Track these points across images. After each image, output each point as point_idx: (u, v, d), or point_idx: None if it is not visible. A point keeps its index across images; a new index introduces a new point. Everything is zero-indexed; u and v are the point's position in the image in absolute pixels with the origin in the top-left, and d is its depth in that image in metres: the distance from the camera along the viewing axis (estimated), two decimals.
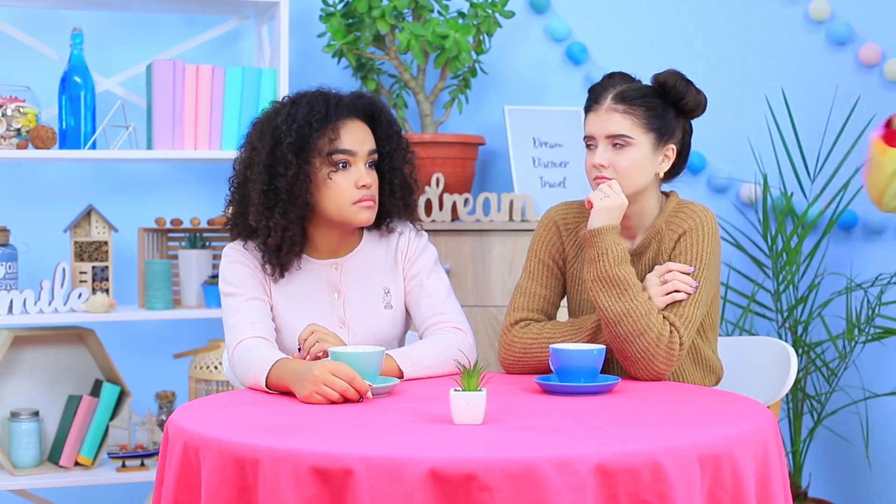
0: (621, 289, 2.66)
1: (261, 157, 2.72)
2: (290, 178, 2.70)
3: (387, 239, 2.91)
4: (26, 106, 3.70)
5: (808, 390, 4.32)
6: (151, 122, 3.80)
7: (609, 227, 2.70)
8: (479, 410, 2.19)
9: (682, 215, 2.79)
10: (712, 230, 2.77)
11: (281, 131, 2.72)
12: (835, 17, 4.49)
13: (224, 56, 4.19)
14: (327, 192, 2.75)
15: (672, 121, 2.80)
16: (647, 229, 2.82)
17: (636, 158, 2.76)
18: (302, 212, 2.74)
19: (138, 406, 4.05)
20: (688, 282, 2.69)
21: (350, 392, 2.40)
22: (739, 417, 2.30)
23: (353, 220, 2.78)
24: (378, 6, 3.94)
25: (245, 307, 2.75)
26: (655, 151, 2.78)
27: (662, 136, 2.78)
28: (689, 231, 2.75)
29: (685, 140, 2.86)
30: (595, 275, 2.68)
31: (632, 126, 2.75)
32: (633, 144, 2.76)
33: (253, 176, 2.73)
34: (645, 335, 2.63)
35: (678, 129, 2.83)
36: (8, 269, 3.74)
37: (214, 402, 2.49)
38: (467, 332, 2.84)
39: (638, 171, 2.76)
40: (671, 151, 2.81)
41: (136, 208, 4.12)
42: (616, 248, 2.68)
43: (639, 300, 2.65)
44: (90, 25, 4.03)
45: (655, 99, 2.79)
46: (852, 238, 4.50)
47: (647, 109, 2.77)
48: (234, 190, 2.82)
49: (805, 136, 4.36)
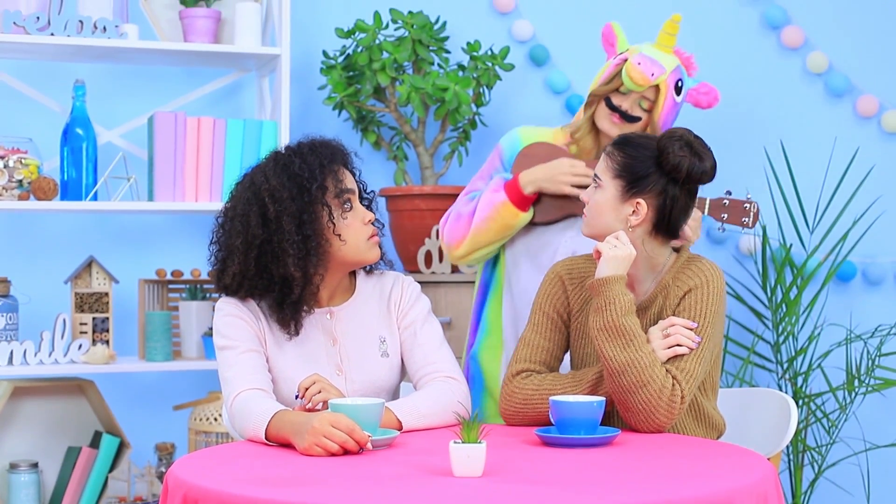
0: (627, 339, 2.66)
1: (287, 207, 2.72)
2: (322, 224, 2.74)
3: (380, 287, 2.92)
4: (28, 157, 3.72)
5: (809, 442, 4.31)
6: (153, 173, 3.82)
7: (616, 277, 2.70)
8: (480, 463, 2.19)
9: (690, 272, 2.78)
10: (719, 289, 2.76)
11: (303, 178, 2.73)
12: (832, 69, 4.52)
13: (225, 108, 4.22)
14: (348, 232, 2.77)
15: (651, 176, 2.75)
16: (654, 282, 2.81)
17: (599, 200, 2.78)
18: (328, 257, 2.76)
19: (138, 458, 4.04)
20: (690, 337, 2.69)
21: (350, 444, 2.40)
22: (740, 469, 2.30)
23: (367, 256, 2.81)
24: (378, 59, 3.97)
25: (241, 359, 2.75)
26: (621, 200, 2.76)
27: (630, 188, 2.75)
28: (695, 288, 2.75)
29: (666, 202, 2.76)
30: (601, 324, 2.68)
31: (604, 169, 2.78)
32: (601, 186, 2.78)
33: (286, 226, 2.71)
34: (648, 386, 2.63)
35: (655, 186, 2.75)
36: (8, 320, 3.75)
37: (214, 454, 2.49)
38: (461, 381, 2.84)
39: (598, 212, 2.78)
40: (640, 206, 2.74)
41: (137, 260, 4.12)
42: (623, 299, 2.68)
43: (643, 351, 2.65)
44: (92, 78, 4.06)
45: (645, 152, 2.78)
46: (851, 289, 4.51)
47: (624, 157, 2.76)
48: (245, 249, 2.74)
49: (804, 187, 4.37)
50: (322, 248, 2.74)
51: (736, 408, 3.02)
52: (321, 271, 2.78)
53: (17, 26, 3.67)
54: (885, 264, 4.51)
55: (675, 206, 2.77)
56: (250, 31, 3.91)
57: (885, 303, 4.50)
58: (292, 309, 2.76)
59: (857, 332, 4.41)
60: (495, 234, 3.25)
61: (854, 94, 4.53)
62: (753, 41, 4.53)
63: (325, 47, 4.15)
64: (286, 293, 2.74)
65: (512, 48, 4.33)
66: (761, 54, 4.52)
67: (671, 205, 2.76)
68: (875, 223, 4.45)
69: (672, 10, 4.47)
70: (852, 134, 4.51)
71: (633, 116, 3.18)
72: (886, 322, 4.44)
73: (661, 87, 3.16)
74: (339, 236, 2.76)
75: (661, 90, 3.16)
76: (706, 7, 4.50)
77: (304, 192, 2.73)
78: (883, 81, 4.54)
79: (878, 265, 4.50)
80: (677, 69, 3.22)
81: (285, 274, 2.72)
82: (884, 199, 4.50)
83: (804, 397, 4.22)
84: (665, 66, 3.17)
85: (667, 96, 3.17)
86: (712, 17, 4.51)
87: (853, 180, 4.40)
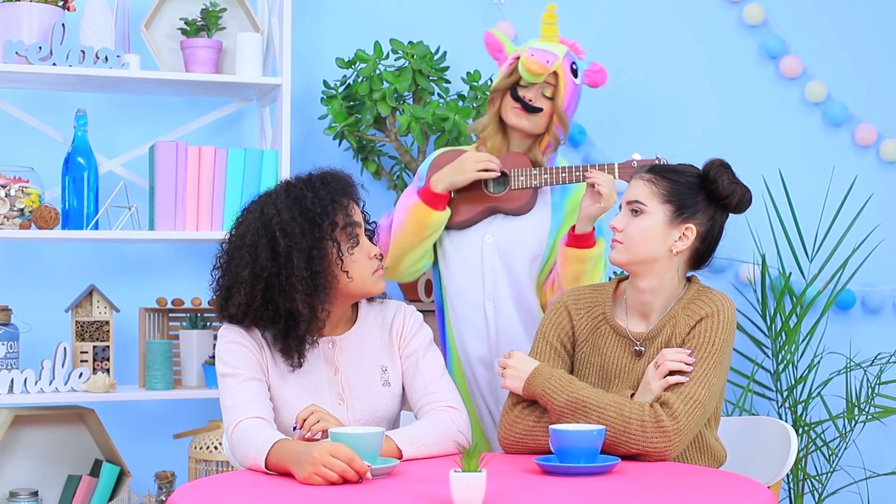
0: (582, 407, 2.68)
1: (298, 242, 2.72)
2: (332, 260, 2.74)
3: (382, 317, 2.93)
4: (30, 186, 3.74)
5: (809, 470, 4.30)
6: (153, 202, 3.83)
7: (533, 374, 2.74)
8: (480, 492, 2.19)
9: (701, 302, 2.78)
10: (730, 319, 2.76)
11: (315, 213, 2.73)
12: (831, 98, 4.54)
13: (226, 138, 4.23)
14: (353, 266, 2.78)
15: (700, 202, 2.80)
16: (665, 312, 2.82)
17: (646, 227, 2.77)
18: (335, 292, 2.77)
19: (138, 486, 4.04)
20: (681, 359, 2.69)
21: (349, 473, 2.40)
22: (740, 498, 2.30)
23: (373, 290, 2.82)
24: (379, 89, 3.99)
25: (243, 388, 2.75)
26: (670, 226, 2.78)
27: (681, 212, 2.78)
28: (706, 317, 2.75)
29: (713, 228, 2.83)
30: (558, 414, 2.71)
31: (648, 194, 2.78)
32: (646, 212, 2.78)
33: (296, 262, 2.70)
34: (628, 429, 2.63)
35: (705, 213, 2.81)
36: (9, 349, 3.75)
37: (214, 483, 2.49)
38: (461, 410, 2.85)
39: (645, 239, 2.77)
40: (690, 231, 2.79)
41: (138, 288, 4.13)
42: (551, 383, 2.72)
43: (604, 403, 2.66)
44: (94, 107, 4.07)
45: (691, 178, 2.81)
46: (851, 317, 4.51)
47: (670, 182, 2.79)
48: (252, 281, 2.74)
49: (802, 216, 4.38)
50: (330, 284, 2.75)
51: (736, 436, 3.02)
52: (327, 306, 2.78)
53: (19, 56, 3.69)
54: (884, 292, 4.52)
55: (719, 234, 2.85)
56: (251, 61, 3.93)
57: (885, 331, 4.51)
58: (296, 341, 2.76)
59: (856, 360, 4.41)
60: (412, 236, 3.31)
61: (852, 123, 4.55)
62: (752, 70, 4.55)
63: (325, 77, 4.17)
64: (291, 326, 2.74)
65: None
66: (760, 83, 4.54)
67: (718, 232, 2.84)
68: (874, 251, 4.46)
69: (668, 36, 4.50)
70: (851, 163, 4.53)
71: (534, 107, 3.30)
72: (886, 350, 4.44)
73: (558, 72, 3.30)
74: (347, 273, 2.77)
75: (560, 75, 3.30)
76: (705, 36, 4.52)
77: (314, 228, 2.73)
78: (881, 110, 4.55)
79: (878, 293, 4.50)
80: (568, 54, 3.35)
81: (292, 309, 2.72)
82: (882, 228, 4.51)
83: (804, 425, 4.22)
84: (556, 53, 3.31)
85: (566, 80, 3.30)
86: (711, 47, 4.53)
87: (852, 209, 4.42)
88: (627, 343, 2.82)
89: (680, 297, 2.81)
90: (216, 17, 4.01)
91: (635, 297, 2.84)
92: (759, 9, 4.51)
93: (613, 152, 4.32)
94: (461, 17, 4.38)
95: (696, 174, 2.83)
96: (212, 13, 3.99)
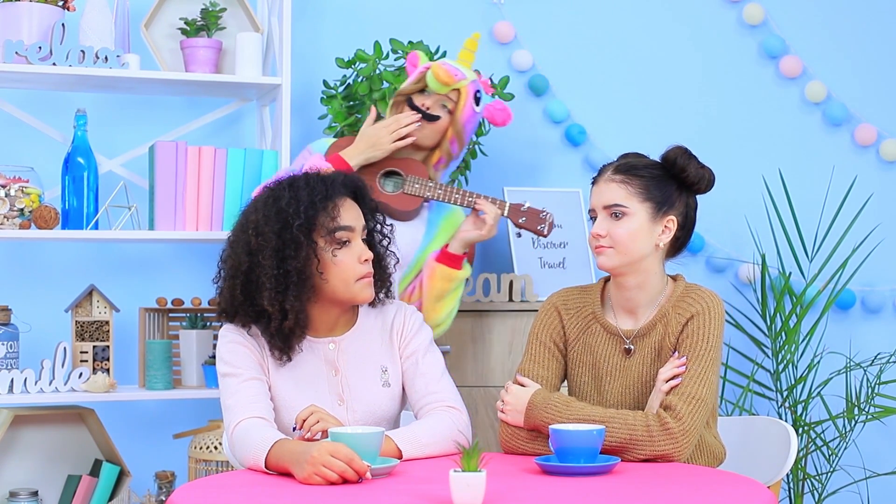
0: None
1: (269, 241, 2.73)
2: (302, 260, 2.73)
3: (382, 317, 2.93)
4: (29, 186, 3.74)
5: (809, 470, 4.30)
6: (153, 202, 3.83)
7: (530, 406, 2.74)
8: (479, 491, 2.19)
9: (690, 300, 2.80)
10: (719, 315, 2.78)
11: (288, 214, 2.74)
12: (831, 98, 4.54)
13: (226, 138, 4.23)
14: (334, 270, 2.77)
15: (673, 193, 2.82)
16: (653, 309, 2.82)
17: (633, 228, 2.78)
18: (311, 293, 2.76)
19: (138, 486, 4.04)
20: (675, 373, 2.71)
21: (349, 473, 2.40)
22: (740, 498, 2.30)
23: (358, 296, 2.80)
24: (379, 89, 3.99)
25: (243, 387, 2.75)
26: (653, 221, 2.80)
27: (661, 207, 2.80)
28: (696, 315, 2.76)
29: (689, 214, 2.87)
30: None
31: (627, 195, 2.79)
32: (629, 214, 2.78)
33: (264, 261, 2.73)
34: (634, 437, 2.64)
35: (680, 201, 2.84)
36: (9, 349, 3.75)
37: (214, 483, 2.49)
38: (461, 411, 2.85)
39: (635, 240, 2.78)
40: (671, 223, 2.82)
41: (138, 288, 4.13)
42: (548, 412, 2.72)
43: (607, 417, 2.67)
44: (94, 107, 4.07)
45: (657, 171, 2.82)
46: (851, 317, 4.51)
47: (644, 179, 2.80)
48: (232, 276, 2.80)
49: (802, 215, 4.38)
50: (303, 284, 2.74)
51: (736, 436, 3.02)
52: (308, 306, 2.78)
53: (19, 56, 3.69)
54: (884, 292, 4.52)
55: (695, 217, 2.88)
56: (251, 61, 3.93)
57: (885, 331, 4.51)
58: (280, 338, 2.77)
59: (856, 360, 4.41)
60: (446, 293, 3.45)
61: (852, 122, 4.55)
62: (752, 70, 4.55)
63: (325, 77, 4.17)
64: (268, 324, 2.77)
65: (511, 78, 4.35)
66: (760, 83, 4.54)
67: (693, 216, 2.88)
68: (874, 251, 4.46)
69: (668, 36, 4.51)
70: (851, 162, 4.53)
71: (431, 115, 3.44)
72: (886, 350, 4.44)
73: (461, 91, 3.46)
74: (322, 274, 2.76)
75: (462, 93, 3.46)
76: (704, 36, 4.52)
77: (286, 228, 2.73)
78: (881, 110, 4.55)
79: (878, 293, 4.50)
80: (475, 82, 3.49)
81: (264, 306, 2.74)
82: (882, 228, 4.51)
83: (804, 425, 4.22)
84: (466, 74, 3.46)
85: (467, 100, 3.45)
86: (711, 46, 4.53)
87: (852, 209, 4.42)
88: (618, 341, 2.84)
89: (668, 296, 2.83)
90: (216, 17, 4.01)
91: (620, 295, 2.86)
92: (758, 8, 4.51)
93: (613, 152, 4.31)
94: (461, 17, 4.38)
95: (659, 165, 2.85)
96: (212, 13, 3.99)
